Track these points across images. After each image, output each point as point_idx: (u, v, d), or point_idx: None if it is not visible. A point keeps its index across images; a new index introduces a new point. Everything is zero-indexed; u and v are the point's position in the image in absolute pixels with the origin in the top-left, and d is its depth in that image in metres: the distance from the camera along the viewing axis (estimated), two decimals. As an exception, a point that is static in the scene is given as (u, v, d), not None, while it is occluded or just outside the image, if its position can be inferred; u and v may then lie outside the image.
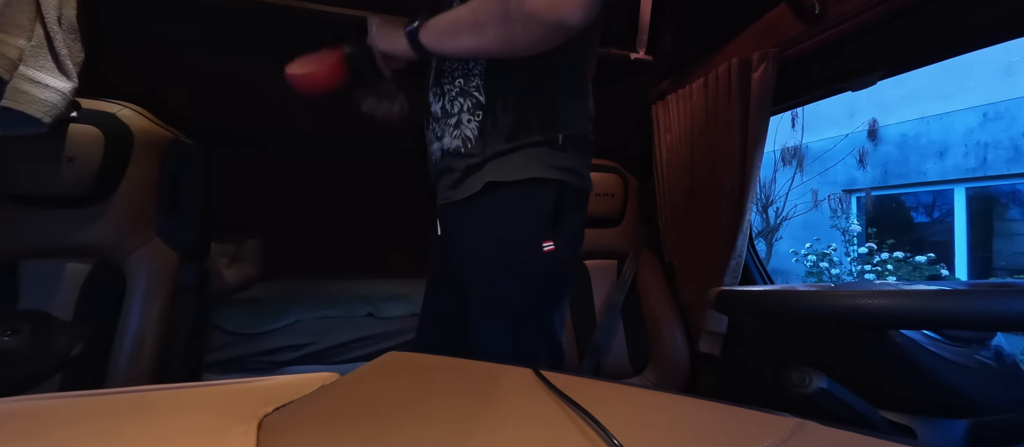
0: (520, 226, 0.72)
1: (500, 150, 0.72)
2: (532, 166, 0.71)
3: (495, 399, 0.41)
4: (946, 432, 0.56)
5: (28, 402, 0.41)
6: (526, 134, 0.72)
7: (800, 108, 5.12)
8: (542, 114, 0.73)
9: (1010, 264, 4.32)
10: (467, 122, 0.75)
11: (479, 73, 0.74)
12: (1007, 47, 3.73)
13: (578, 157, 0.76)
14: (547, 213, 0.72)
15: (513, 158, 0.72)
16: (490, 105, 0.73)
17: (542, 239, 0.72)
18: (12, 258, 0.93)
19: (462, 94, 0.75)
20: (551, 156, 0.72)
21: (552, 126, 0.73)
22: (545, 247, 0.72)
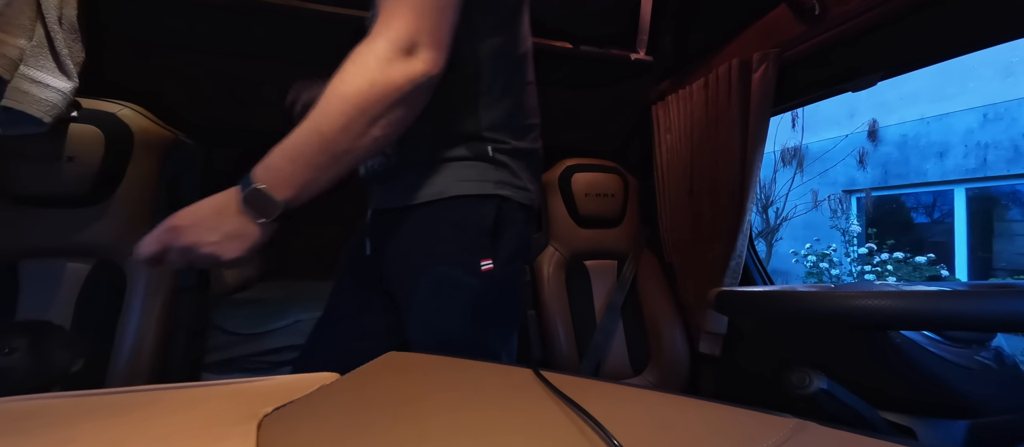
0: (454, 243, 0.67)
1: (429, 163, 0.67)
2: (466, 183, 0.67)
3: (495, 399, 0.41)
4: (946, 433, 0.56)
5: (27, 402, 0.41)
6: (452, 147, 0.67)
7: (800, 109, 5.12)
8: (470, 126, 0.67)
9: (1010, 265, 4.32)
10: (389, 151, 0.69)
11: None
12: (1007, 48, 3.74)
13: (517, 165, 0.71)
14: (485, 229, 0.68)
15: (444, 172, 0.67)
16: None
17: (479, 257, 0.67)
18: (13, 258, 0.93)
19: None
20: (486, 170, 0.68)
21: (482, 137, 0.68)
22: (483, 266, 0.67)
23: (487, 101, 0.68)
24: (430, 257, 0.68)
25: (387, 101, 0.53)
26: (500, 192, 0.68)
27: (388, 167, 0.71)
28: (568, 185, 1.43)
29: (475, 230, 0.67)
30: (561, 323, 1.35)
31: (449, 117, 0.67)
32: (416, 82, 0.54)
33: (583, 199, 1.43)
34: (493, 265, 0.68)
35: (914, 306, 0.44)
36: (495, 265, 0.68)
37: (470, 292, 0.67)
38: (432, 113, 0.63)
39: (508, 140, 0.70)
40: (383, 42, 0.53)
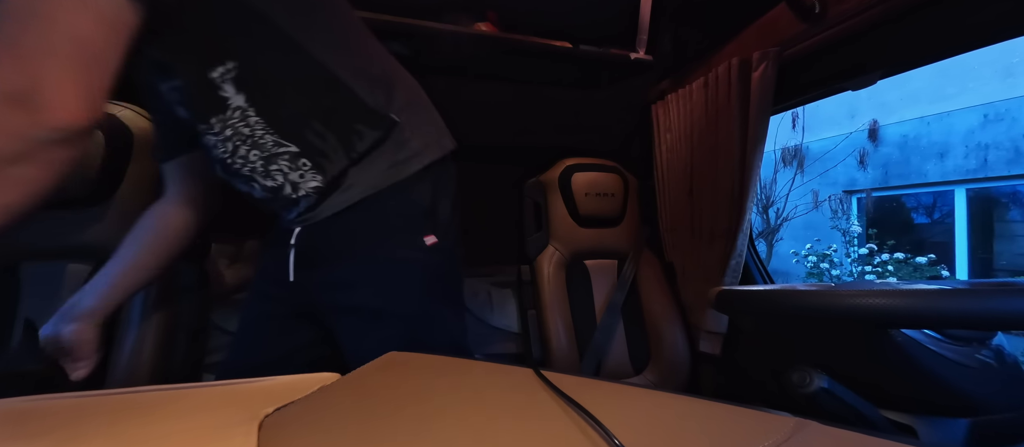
0: (397, 226, 0.69)
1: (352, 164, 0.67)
2: (392, 169, 0.68)
3: (495, 399, 0.41)
4: (947, 431, 0.56)
5: (28, 402, 0.41)
6: (361, 139, 0.66)
7: (800, 108, 5.13)
8: (357, 113, 0.66)
9: (1011, 265, 4.32)
10: (301, 178, 0.66)
11: (265, 133, 0.63)
12: (1007, 47, 3.74)
13: (421, 129, 0.71)
14: (422, 207, 0.70)
15: (369, 167, 0.67)
16: (306, 147, 0.64)
17: (422, 234, 0.70)
18: (13, 260, 0.93)
19: (269, 163, 0.65)
20: (400, 147, 0.68)
21: (374, 115, 0.67)
22: (427, 241, 0.70)
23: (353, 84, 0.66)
24: (373, 245, 0.69)
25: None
26: (422, 163, 0.70)
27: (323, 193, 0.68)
28: (568, 185, 1.43)
29: (412, 209, 0.70)
30: (561, 323, 1.35)
31: (336, 118, 0.65)
32: (36, 137, 0.44)
33: (583, 198, 1.43)
34: (437, 239, 0.70)
35: (915, 304, 0.44)
36: (438, 237, 0.71)
37: (419, 267, 0.70)
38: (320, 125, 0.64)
39: (397, 105, 0.70)
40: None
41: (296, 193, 0.67)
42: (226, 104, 0.60)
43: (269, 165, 0.65)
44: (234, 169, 0.66)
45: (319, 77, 0.64)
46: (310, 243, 0.71)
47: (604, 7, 1.27)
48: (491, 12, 1.21)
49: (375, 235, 0.69)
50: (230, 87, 0.59)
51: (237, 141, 0.63)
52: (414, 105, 0.74)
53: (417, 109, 0.74)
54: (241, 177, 0.68)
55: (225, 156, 0.65)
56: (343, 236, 0.69)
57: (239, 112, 0.61)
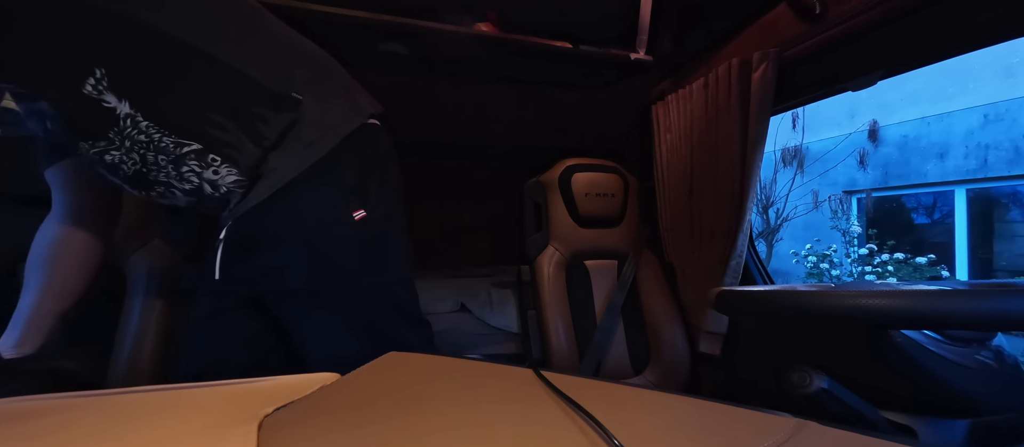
0: (325, 206, 0.68)
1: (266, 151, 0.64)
2: (308, 151, 0.65)
3: (495, 399, 0.41)
4: (947, 432, 0.56)
5: (28, 402, 0.41)
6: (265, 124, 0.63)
7: (800, 108, 5.12)
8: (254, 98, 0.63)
9: (1011, 265, 4.31)
10: (215, 173, 0.64)
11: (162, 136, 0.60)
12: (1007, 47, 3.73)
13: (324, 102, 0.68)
14: (349, 185, 0.69)
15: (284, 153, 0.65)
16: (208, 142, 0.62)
17: (351, 210, 0.68)
18: (13, 260, 0.93)
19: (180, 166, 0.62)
20: (311, 127, 0.66)
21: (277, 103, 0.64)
22: (356, 216, 0.68)
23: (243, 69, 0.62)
24: (305, 229, 0.67)
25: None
26: (339, 135, 0.68)
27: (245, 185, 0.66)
28: (568, 185, 1.43)
29: (338, 187, 0.68)
30: (561, 323, 1.35)
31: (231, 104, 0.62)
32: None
33: (583, 199, 1.43)
34: (366, 212, 0.69)
35: (914, 305, 0.44)
36: (367, 211, 0.69)
37: (356, 243, 0.69)
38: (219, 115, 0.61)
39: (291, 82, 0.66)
40: None
41: (218, 191, 0.64)
42: (115, 114, 0.56)
43: (180, 167, 0.62)
44: (149, 179, 0.64)
45: (198, 66, 0.59)
46: (240, 234, 0.69)
47: (604, 7, 1.27)
48: (491, 12, 1.21)
49: (303, 217, 0.67)
50: (111, 96, 0.56)
51: (139, 150, 0.60)
52: (326, 82, 0.71)
53: (329, 86, 0.71)
54: (159, 186, 0.65)
55: (137, 167, 0.62)
56: (271, 222, 0.67)
57: (129, 120, 0.58)
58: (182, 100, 0.60)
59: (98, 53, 0.54)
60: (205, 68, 0.60)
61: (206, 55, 0.60)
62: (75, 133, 0.59)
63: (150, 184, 0.65)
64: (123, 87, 0.56)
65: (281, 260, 0.68)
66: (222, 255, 0.70)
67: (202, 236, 1.11)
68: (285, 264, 0.68)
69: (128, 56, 0.56)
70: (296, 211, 0.67)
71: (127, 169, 0.62)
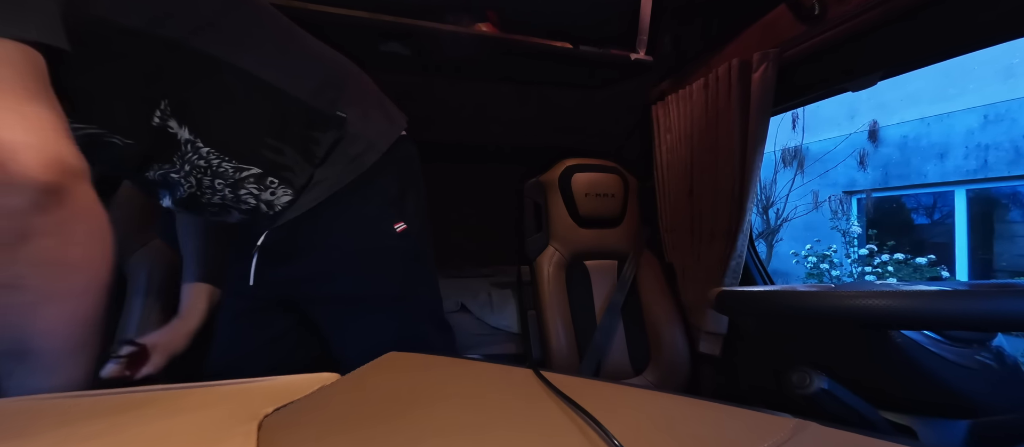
0: (368, 219, 0.71)
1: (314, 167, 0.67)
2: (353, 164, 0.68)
3: (495, 399, 0.41)
4: (947, 433, 0.56)
5: (27, 402, 0.41)
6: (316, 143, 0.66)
7: (800, 109, 5.12)
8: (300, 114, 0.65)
9: (1011, 266, 4.32)
10: (273, 194, 0.65)
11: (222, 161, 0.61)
12: (1007, 48, 3.73)
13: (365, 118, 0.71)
14: (391, 197, 0.72)
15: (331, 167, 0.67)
16: (267, 165, 0.63)
17: (392, 222, 0.72)
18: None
19: (238, 189, 0.64)
20: (354, 140, 0.68)
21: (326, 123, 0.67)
22: (397, 228, 0.72)
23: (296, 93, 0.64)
24: (348, 240, 0.70)
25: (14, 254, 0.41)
26: (380, 151, 0.71)
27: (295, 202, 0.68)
28: (568, 185, 1.43)
29: (381, 200, 0.71)
30: (561, 323, 1.35)
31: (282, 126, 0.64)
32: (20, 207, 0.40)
33: (583, 199, 1.43)
34: (405, 224, 0.73)
35: (915, 306, 0.44)
36: (407, 223, 0.73)
37: (397, 253, 0.73)
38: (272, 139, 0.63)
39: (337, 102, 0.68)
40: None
41: (273, 210, 0.66)
42: (177, 139, 0.58)
43: (238, 190, 0.63)
44: (204, 202, 0.65)
45: (257, 92, 0.61)
46: (278, 242, 0.70)
47: (604, 8, 1.27)
48: (491, 12, 1.21)
49: (346, 228, 0.69)
50: (173, 122, 0.57)
51: (197, 174, 0.61)
52: (362, 96, 0.74)
53: (365, 100, 0.74)
54: (213, 208, 0.66)
55: (192, 191, 0.63)
56: (314, 232, 0.69)
57: (189, 145, 0.59)
58: (243, 127, 0.61)
59: (162, 83, 0.55)
60: (263, 95, 0.62)
61: (264, 82, 0.61)
62: (141, 160, 0.60)
63: (203, 206, 0.66)
64: (185, 115, 0.57)
65: (323, 268, 0.71)
66: (258, 261, 0.71)
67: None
68: (327, 272, 0.71)
69: (190, 87, 0.57)
70: (339, 223, 0.69)
71: (182, 192, 0.64)
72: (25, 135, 0.40)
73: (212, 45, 0.57)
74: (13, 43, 0.41)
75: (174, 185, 0.63)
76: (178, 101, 0.56)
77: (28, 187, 0.40)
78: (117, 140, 0.56)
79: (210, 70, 0.57)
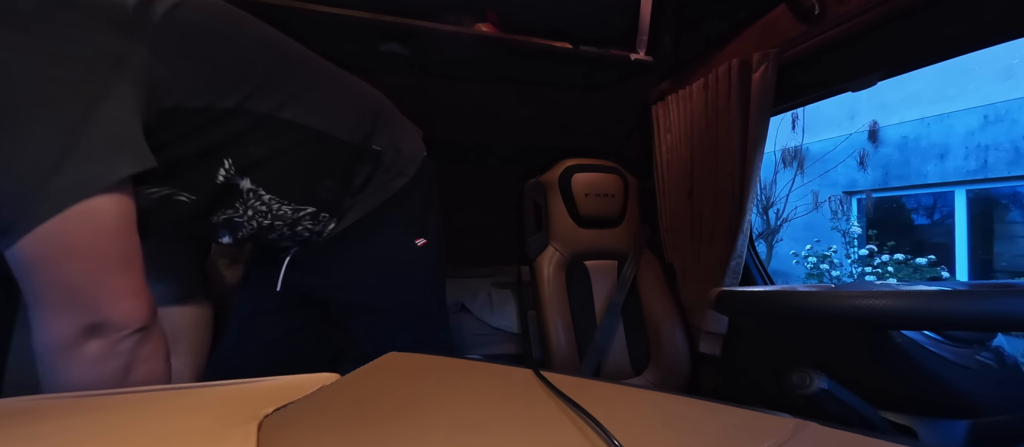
0: (395, 234, 0.78)
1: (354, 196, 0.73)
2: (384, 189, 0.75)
3: (495, 399, 0.41)
4: (947, 433, 0.56)
5: (28, 402, 0.41)
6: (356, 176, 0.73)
7: (800, 109, 5.12)
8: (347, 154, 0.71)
9: (1011, 266, 4.31)
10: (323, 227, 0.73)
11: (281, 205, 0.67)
12: (1007, 48, 3.73)
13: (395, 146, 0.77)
14: (414, 216, 0.79)
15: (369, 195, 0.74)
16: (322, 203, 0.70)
17: (415, 238, 0.79)
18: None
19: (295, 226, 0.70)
20: (385, 172, 0.75)
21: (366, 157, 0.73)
22: (418, 243, 0.79)
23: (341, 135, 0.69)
24: (376, 253, 0.77)
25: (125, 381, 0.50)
26: (409, 174, 0.77)
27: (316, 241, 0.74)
28: (568, 185, 1.43)
29: (407, 218, 0.78)
30: (561, 323, 1.35)
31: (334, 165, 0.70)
32: (128, 347, 0.49)
33: (583, 199, 1.43)
34: (425, 240, 0.80)
35: (914, 306, 0.44)
36: (427, 239, 0.80)
37: (421, 265, 0.80)
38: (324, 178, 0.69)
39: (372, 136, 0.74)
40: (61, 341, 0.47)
41: (321, 237, 0.73)
42: (239, 189, 0.63)
43: (295, 227, 0.71)
44: (261, 238, 0.72)
45: (306, 140, 0.66)
46: (310, 253, 0.76)
47: (604, 8, 1.27)
48: (491, 12, 1.21)
49: (374, 244, 0.76)
50: (235, 175, 0.62)
51: (259, 218, 0.67)
52: (390, 124, 0.79)
53: (393, 127, 0.79)
54: (270, 240, 0.73)
55: (252, 231, 0.68)
56: (343, 247, 0.75)
57: (252, 193, 0.64)
58: (294, 172, 0.66)
59: (225, 146, 0.60)
60: (315, 142, 0.67)
61: (304, 128, 0.66)
62: (206, 210, 0.64)
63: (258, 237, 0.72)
64: (247, 169, 0.62)
65: (352, 278, 0.77)
66: (287, 270, 0.77)
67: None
68: (353, 282, 0.78)
69: (251, 146, 0.61)
70: (367, 239, 0.75)
71: (243, 233, 0.69)
72: (129, 285, 0.49)
73: (261, 104, 0.61)
74: (108, 195, 0.46)
75: (236, 227, 0.68)
76: (240, 157, 0.61)
77: (135, 332, 0.50)
78: (184, 197, 0.60)
79: (263, 126, 0.62)
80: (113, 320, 0.48)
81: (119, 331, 0.49)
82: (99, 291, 0.48)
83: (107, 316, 0.48)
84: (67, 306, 0.47)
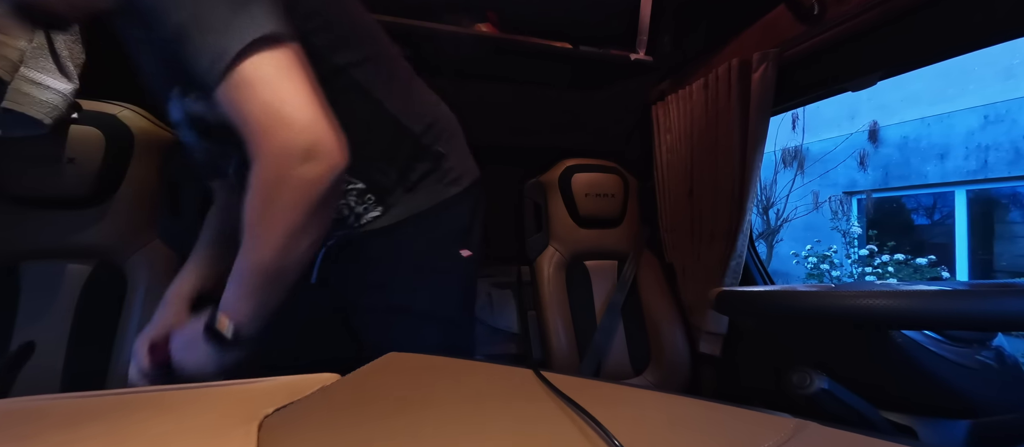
0: (443, 240, 0.76)
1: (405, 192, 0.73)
2: (436, 189, 0.74)
3: (495, 400, 0.41)
4: (947, 433, 0.56)
5: (28, 402, 0.41)
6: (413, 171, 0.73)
7: (800, 109, 5.12)
8: (412, 146, 0.72)
9: (1011, 266, 4.31)
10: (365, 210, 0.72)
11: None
12: (1007, 48, 3.73)
13: (455, 155, 0.78)
14: (463, 225, 0.78)
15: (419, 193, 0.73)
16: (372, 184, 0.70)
17: (460, 248, 0.77)
18: (13, 260, 0.93)
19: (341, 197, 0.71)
20: (445, 174, 0.76)
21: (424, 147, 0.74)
22: (463, 254, 0.77)
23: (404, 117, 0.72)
24: (421, 258, 0.75)
25: (309, 214, 0.53)
26: (463, 185, 0.77)
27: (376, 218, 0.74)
28: (568, 185, 1.43)
29: (454, 226, 0.77)
30: (561, 323, 1.35)
31: (396, 152, 0.71)
32: (327, 183, 0.53)
33: (583, 199, 1.43)
34: (470, 252, 0.78)
35: (915, 305, 0.44)
36: (472, 251, 0.78)
37: (460, 277, 0.78)
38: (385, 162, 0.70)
39: (438, 139, 0.76)
40: (278, 158, 0.51)
41: (359, 222, 0.72)
42: None
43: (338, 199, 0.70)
44: None
45: (385, 119, 0.69)
46: (345, 247, 0.75)
47: (604, 8, 1.27)
48: (491, 13, 1.21)
49: (420, 247, 0.74)
50: None
51: None
52: (453, 135, 0.80)
53: (455, 139, 0.81)
54: None
55: None
56: (386, 245, 0.73)
57: None
58: (369, 147, 0.67)
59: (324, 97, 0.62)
60: (388, 122, 0.69)
61: (389, 112, 0.69)
62: None
63: None
64: None
65: (391, 279, 0.75)
66: (322, 261, 0.76)
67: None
68: (395, 284, 0.75)
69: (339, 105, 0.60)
70: (410, 241, 0.74)
71: None
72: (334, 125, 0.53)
73: (361, 74, 0.66)
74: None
75: None
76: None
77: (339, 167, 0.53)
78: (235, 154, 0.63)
79: (355, 93, 0.66)
80: (325, 147, 0.52)
81: (331, 160, 0.52)
82: (315, 118, 0.51)
83: (321, 141, 0.52)
84: (286, 126, 0.50)
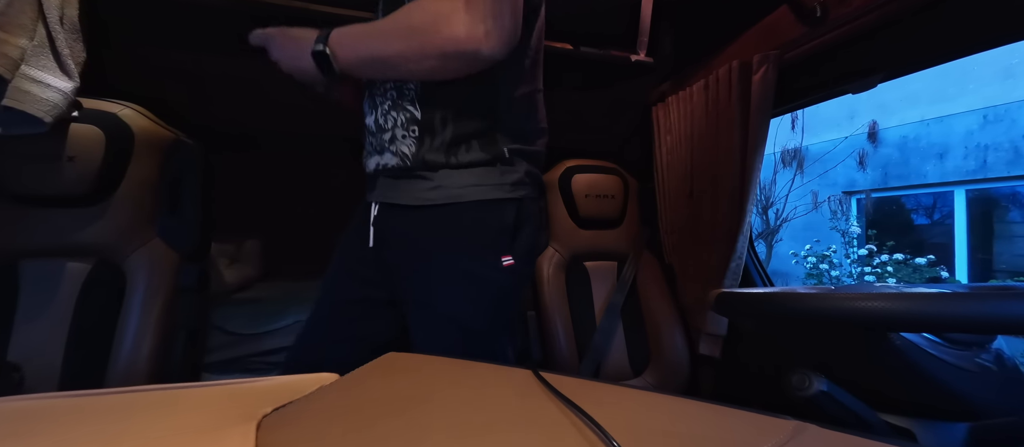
0: (480, 241, 0.70)
1: (447, 166, 0.69)
2: (484, 187, 0.69)
3: (495, 400, 0.41)
4: (946, 435, 0.56)
5: (27, 402, 0.41)
6: (469, 151, 0.69)
7: (800, 110, 5.12)
8: (486, 130, 0.70)
9: (1011, 266, 4.32)
10: (403, 138, 0.70)
11: (414, 85, 0.69)
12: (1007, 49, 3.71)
13: (529, 169, 0.74)
14: (507, 228, 0.71)
15: (463, 176, 0.69)
16: (426, 120, 0.69)
17: (501, 253, 0.71)
18: (12, 258, 0.93)
19: (395, 107, 0.71)
20: (504, 174, 0.71)
21: (498, 141, 0.71)
22: (504, 261, 0.70)
23: (512, 107, 0.71)
24: (453, 254, 0.70)
25: (439, 50, 0.59)
26: (516, 194, 0.72)
27: (404, 169, 0.72)
28: (568, 186, 1.43)
29: (496, 228, 0.71)
30: (561, 324, 1.35)
31: (468, 121, 0.69)
32: (470, 52, 0.59)
33: (583, 200, 1.43)
34: (513, 260, 0.71)
35: (914, 308, 0.44)
36: (515, 261, 0.71)
37: (494, 286, 0.71)
38: (453, 116, 0.68)
39: (523, 145, 0.73)
40: (467, 10, 0.57)
41: (392, 146, 0.72)
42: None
43: (393, 109, 0.71)
44: (374, 88, 0.75)
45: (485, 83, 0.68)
46: (388, 225, 0.75)
47: (605, 9, 1.27)
48: (492, 13, 1.21)
49: (457, 244, 0.70)
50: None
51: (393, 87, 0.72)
52: (536, 155, 0.77)
53: (536, 157, 0.77)
54: (374, 96, 0.75)
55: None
56: (424, 231, 0.71)
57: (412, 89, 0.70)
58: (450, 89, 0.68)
59: None
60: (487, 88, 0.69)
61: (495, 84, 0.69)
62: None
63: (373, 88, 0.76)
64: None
65: (425, 274, 0.71)
66: (376, 229, 0.76)
67: (203, 236, 1.11)
68: (428, 279, 0.71)
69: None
70: (451, 235, 0.70)
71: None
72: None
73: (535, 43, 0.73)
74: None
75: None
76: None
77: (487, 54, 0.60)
78: None
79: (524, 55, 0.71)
80: (492, 36, 0.59)
81: (484, 41, 0.58)
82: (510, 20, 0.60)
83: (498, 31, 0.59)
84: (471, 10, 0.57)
